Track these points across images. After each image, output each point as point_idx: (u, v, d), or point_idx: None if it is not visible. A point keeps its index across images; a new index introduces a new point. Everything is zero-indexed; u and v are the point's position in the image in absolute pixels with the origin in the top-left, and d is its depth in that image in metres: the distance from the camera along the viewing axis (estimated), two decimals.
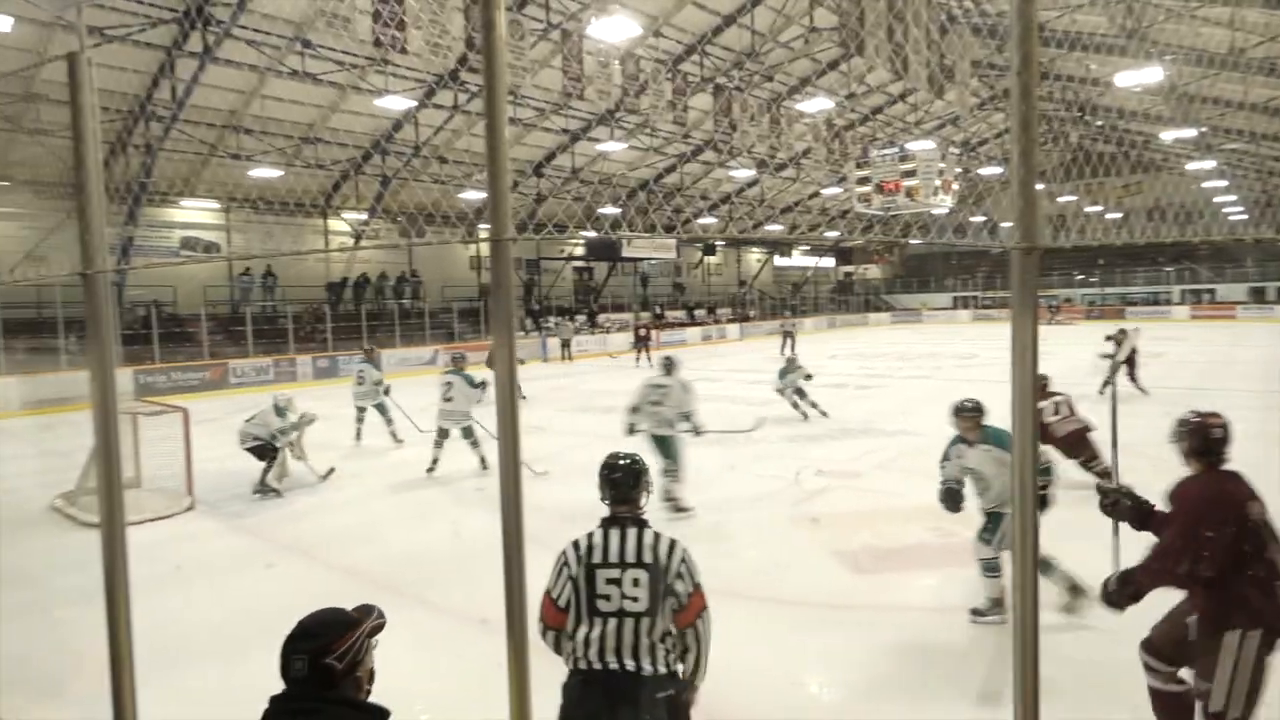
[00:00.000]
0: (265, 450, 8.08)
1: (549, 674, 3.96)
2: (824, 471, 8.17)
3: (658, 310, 32.58)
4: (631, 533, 2.45)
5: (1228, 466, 2.82)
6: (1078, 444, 6.82)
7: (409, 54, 11.09)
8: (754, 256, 43.87)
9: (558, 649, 2.46)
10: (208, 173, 19.97)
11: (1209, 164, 29.08)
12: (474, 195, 22.33)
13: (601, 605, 2.37)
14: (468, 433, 8.54)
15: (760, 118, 17.74)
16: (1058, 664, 3.75)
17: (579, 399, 14.89)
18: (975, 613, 4.48)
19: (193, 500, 7.42)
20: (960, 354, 22.24)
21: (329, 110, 19.26)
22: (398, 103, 17.88)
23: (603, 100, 14.32)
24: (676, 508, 6.64)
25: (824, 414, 11.48)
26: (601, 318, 30.16)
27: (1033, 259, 1.74)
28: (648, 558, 2.39)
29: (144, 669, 2.47)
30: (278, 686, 1.76)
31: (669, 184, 28.96)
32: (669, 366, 7.08)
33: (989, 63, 24.90)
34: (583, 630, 2.38)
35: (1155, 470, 3.42)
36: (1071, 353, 21.08)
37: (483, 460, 8.52)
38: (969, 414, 4.49)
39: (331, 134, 19.75)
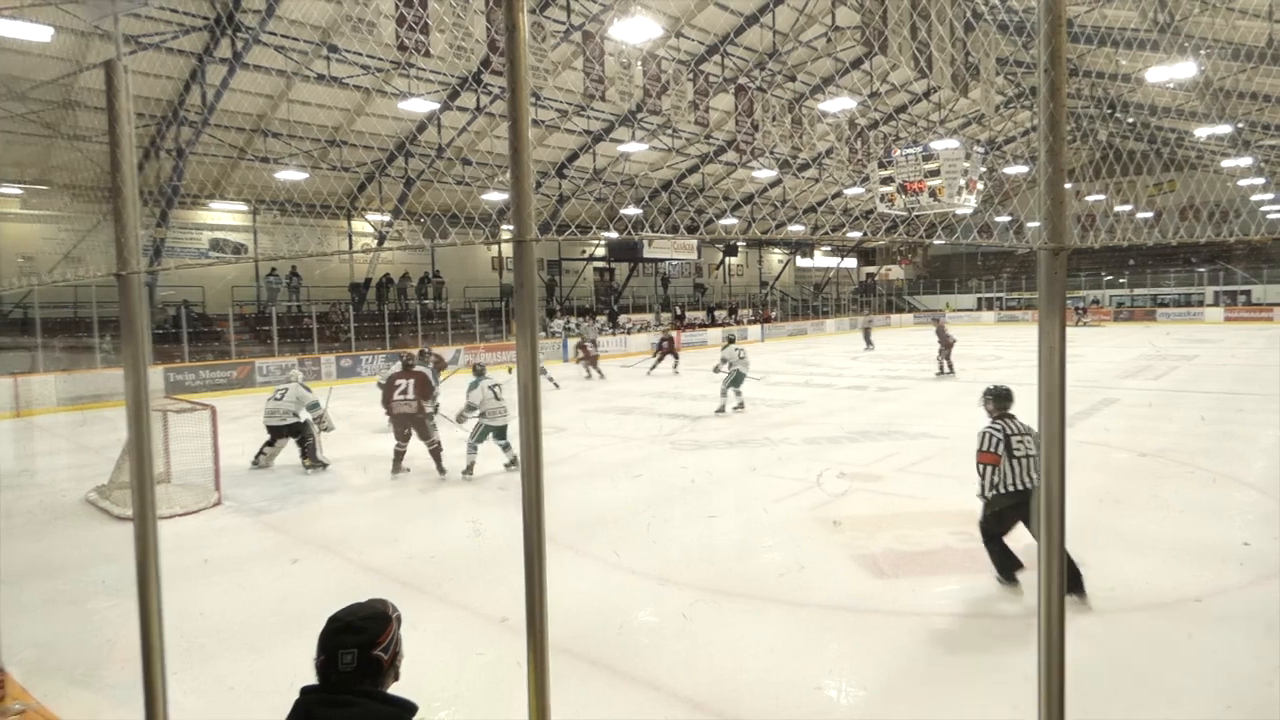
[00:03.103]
0: (298, 428, 8.72)
1: (566, 672, 3.98)
2: (845, 474, 8.12)
3: (678, 311, 32.53)
4: (1019, 419, 4.87)
5: None
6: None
7: (432, 57, 11.19)
8: (776, 257, 43.66)
9: (992, 477, 4.80)
10: (236, 175, 20.33)
11: (1245, 161, 28.40)
12: (496, 196, 22.47)
13: (1017, 451, 4.78)
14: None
15: (782, 118, 17.66)
16: (1082, 667, 3.70)
17: (599, 400, 14.93)
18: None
19: (220, 496, 7.56)
20: (984, 356, 21.94)
21: (354, 113, 19.51)
22: (421, 105, 18.05)
23: (624, 101, 14.34)
24: None
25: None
26: (622, 318, 30.20)
27: (1060, 259, 1.72)
28: (1033, 430, 4.31)
29: (173, 659, 2.53)
30: (303, 678, 1.77)
31: (691, 184, 28.92)
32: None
33: (1015, 60, 24.57)
34: (1005, 465, 4.77)
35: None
36: (1099, 354, 20.77)
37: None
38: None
39: (356, 137, 20.00)
